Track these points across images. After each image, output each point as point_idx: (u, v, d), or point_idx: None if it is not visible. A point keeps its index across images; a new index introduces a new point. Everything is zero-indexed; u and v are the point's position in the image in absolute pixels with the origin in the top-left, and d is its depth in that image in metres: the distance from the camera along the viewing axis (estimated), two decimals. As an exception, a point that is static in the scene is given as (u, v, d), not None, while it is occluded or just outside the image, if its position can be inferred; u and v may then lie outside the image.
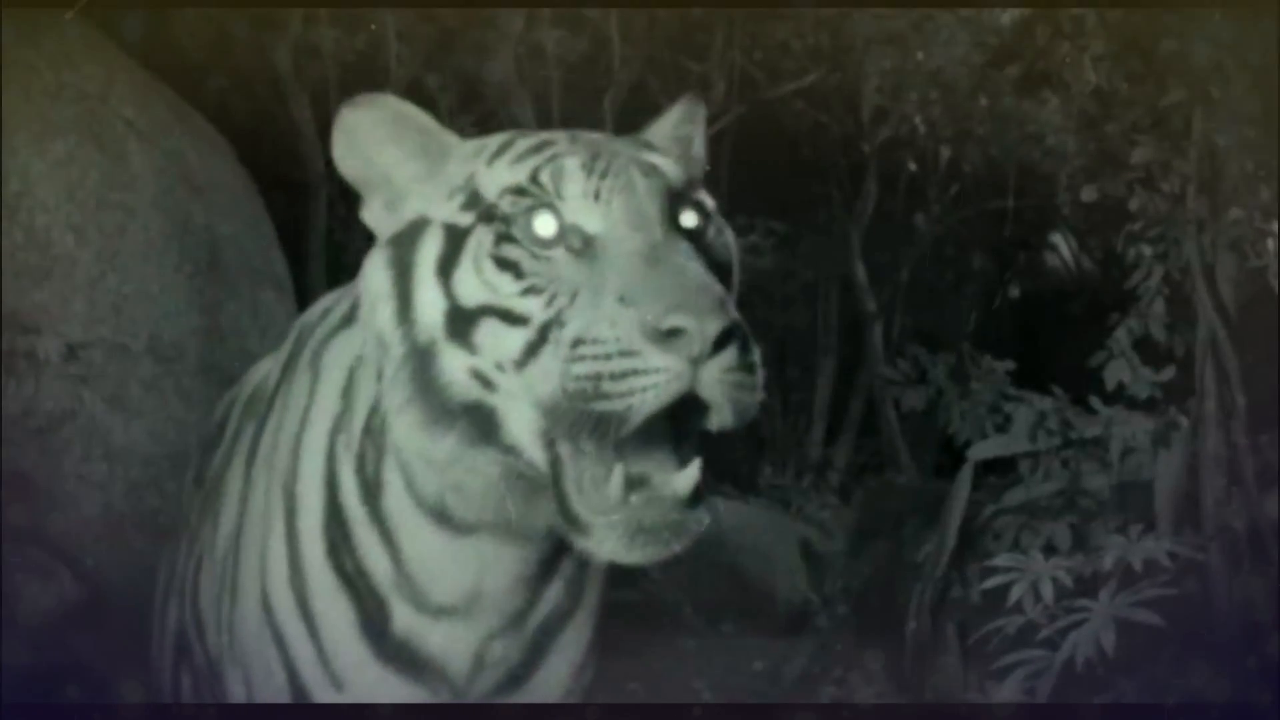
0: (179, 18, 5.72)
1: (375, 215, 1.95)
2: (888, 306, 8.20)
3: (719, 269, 1.83)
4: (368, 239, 2.00)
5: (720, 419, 1.70)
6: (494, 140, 1.93)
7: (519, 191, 1.80)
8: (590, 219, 1.78)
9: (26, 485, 4.15)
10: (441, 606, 2.04)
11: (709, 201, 1.93)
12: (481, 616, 2.05)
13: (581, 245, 1.77)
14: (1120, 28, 4.55)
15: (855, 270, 7.98)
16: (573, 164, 1.81)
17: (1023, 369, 7.09)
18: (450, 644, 2.06)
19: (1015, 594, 3.82)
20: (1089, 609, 3.66)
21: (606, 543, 1.74)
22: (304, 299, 6.16)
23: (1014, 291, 9.49)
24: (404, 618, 2.04)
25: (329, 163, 2.01)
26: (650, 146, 1.97)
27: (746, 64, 7.15)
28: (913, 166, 8.29)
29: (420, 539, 2.00)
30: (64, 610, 4.08)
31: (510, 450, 1.81)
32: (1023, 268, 9.51)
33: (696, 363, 1.64)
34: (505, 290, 1.77)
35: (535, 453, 1.79)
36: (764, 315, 7.65)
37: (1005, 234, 8.17)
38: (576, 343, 1.69)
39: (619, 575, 2.08)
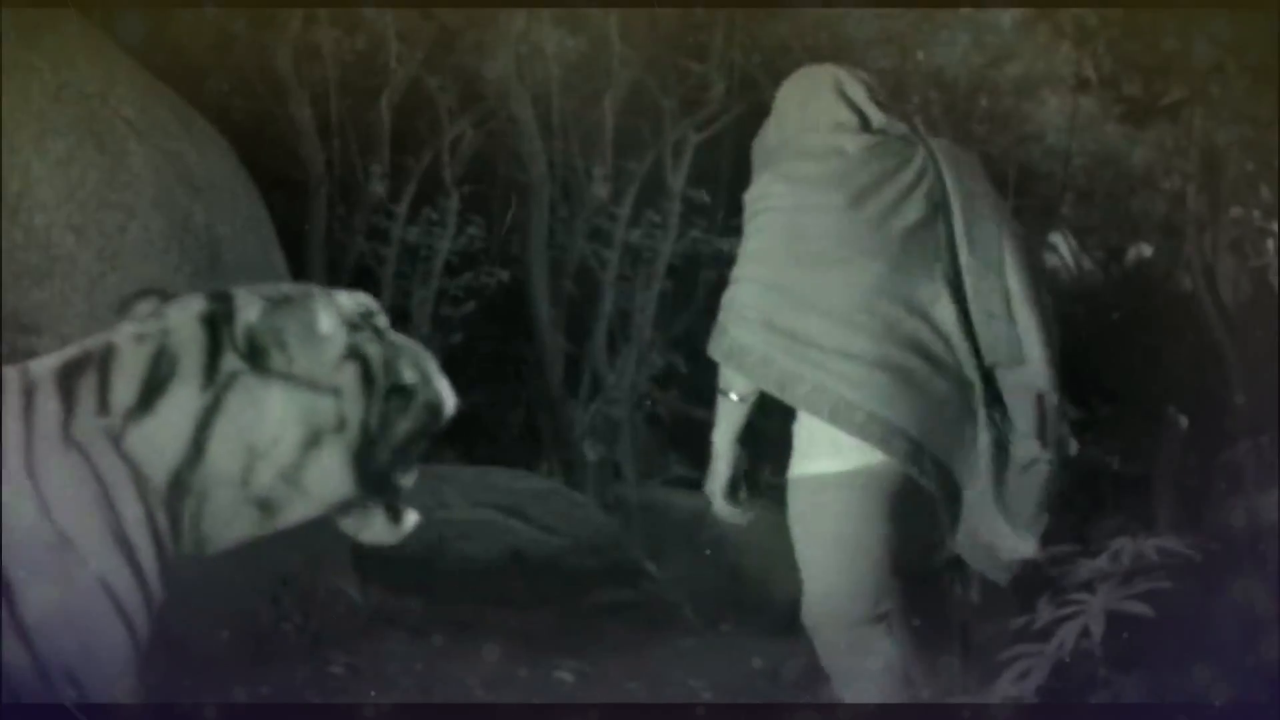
0: (180, 18, 5.72)
1: None
2: (888, 306, 8.19)
3: None
4: (368, 239, 2.00)
5: None
6: None
7: None
8: None
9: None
10: None
11: None
12: None
13: None
14: (1120, 27, 4.55)
15: (855, 270, 7.96)
16: None
17: (1022, 369, 7.06)
18: None
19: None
20: (1084, 602, 3.66)
21: None
22: (304, 299, 6.15)
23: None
24: None
25: (329, 163, 2.02)
26: None
27: (746, 64, 7.14)
28: (913, 166, 8.28)
29: None
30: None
31: None
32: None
33: None
34: None
35: None
36: (764, 315, 7.63)
37: (1005, 234, 8.14)
38: None
39: (619, 575, 2.08)
